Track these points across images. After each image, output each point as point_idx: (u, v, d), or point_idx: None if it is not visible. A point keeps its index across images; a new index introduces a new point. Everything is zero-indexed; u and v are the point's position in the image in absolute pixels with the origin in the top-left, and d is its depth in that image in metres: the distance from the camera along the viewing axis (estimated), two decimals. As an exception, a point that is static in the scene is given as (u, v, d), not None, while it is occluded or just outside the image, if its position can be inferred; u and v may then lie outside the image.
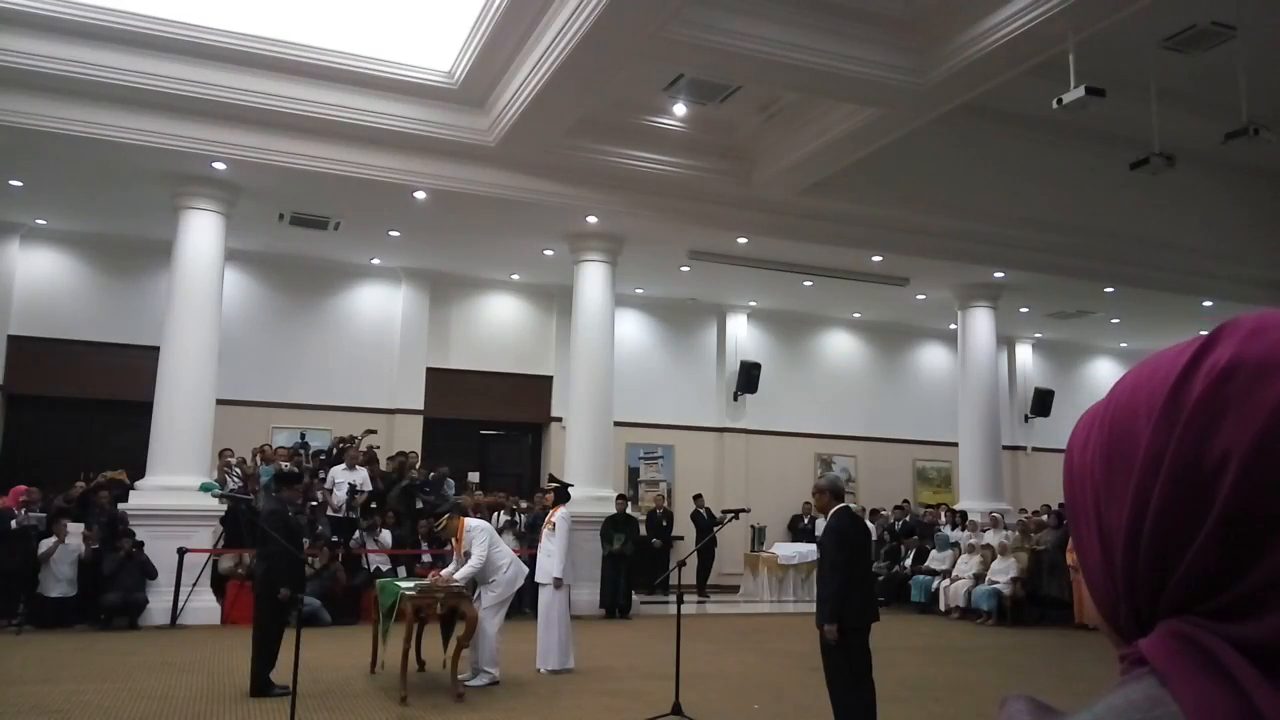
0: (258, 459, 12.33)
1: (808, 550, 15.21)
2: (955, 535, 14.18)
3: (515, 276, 15.54)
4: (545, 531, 8.63)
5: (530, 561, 8.70)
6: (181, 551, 10.33)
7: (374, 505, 12.19)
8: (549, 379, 15.95)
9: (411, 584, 7.62)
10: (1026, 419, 19.03)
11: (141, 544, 10.26)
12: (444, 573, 7.65)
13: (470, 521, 7.74)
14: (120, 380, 13.07)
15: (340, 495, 12.04)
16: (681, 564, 7.29)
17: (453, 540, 7.65)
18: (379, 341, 14.99)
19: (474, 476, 14.53)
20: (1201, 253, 13.89)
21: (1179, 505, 0.56)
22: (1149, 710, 0.53)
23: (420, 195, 11.28)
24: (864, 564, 5.78)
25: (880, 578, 14.51)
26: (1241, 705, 0.51)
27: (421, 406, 15.04)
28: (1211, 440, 0.55)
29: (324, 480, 12.30)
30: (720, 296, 16.51)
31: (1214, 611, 0.55)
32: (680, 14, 7.87)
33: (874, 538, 15.01)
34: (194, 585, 10.48)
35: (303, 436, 13.68)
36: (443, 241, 13.50)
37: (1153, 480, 0.57)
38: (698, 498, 15.44)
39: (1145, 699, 0.54)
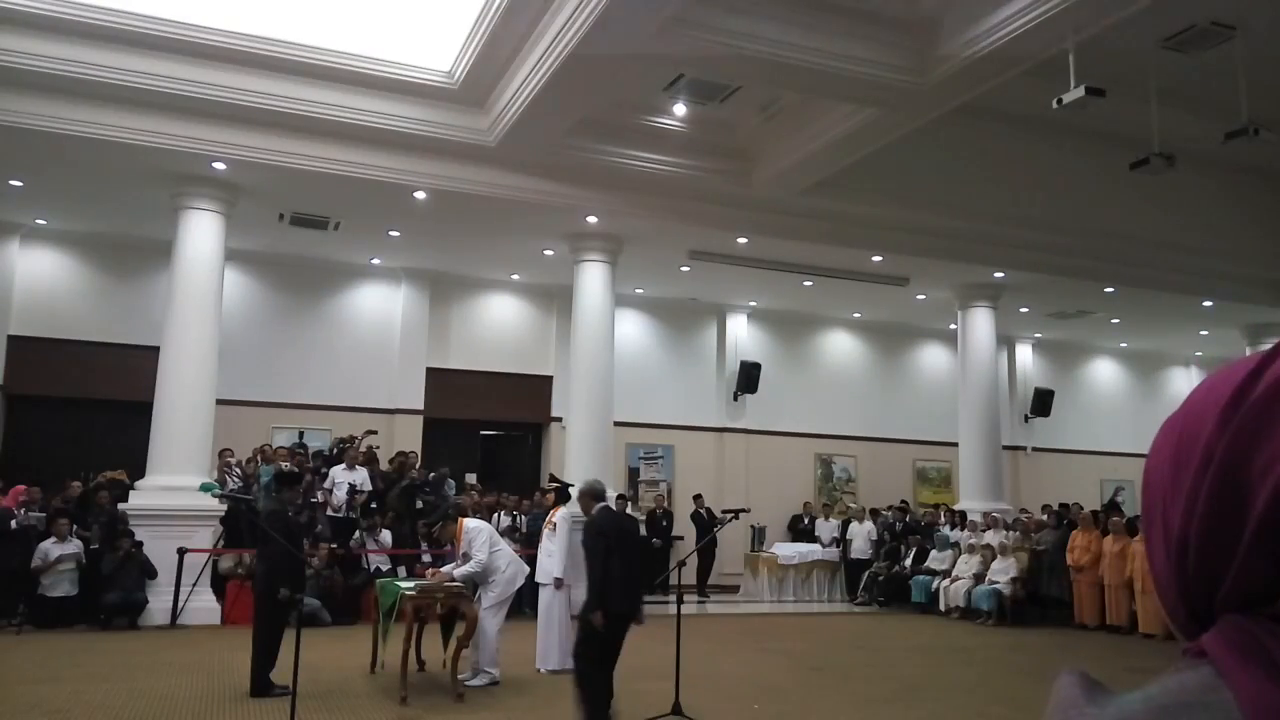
0: (258, 459, 12.33)
1: (808, 550, 15.25)
2: (955, 535, 14.18)
3: (515, 276, 15.54)
4: (546, 531, 8.63)
5: (531, 562, 8.70)
6: (181, 551, 10.33)
7: (374, 505, 12.19)
8: (549, 379, 15.94)
9: (411, 584, 7.62)
10: (1026, 419, 19.02)
11: (141, 544, 10.26)
12: (443, 570, 7.65)
13: (469, 523, 7.75)
14: (120, 380, 13.07)
15: (340, 495, 12.05)
16: (681, 564, 7.29)
17: (453, 541, 7.66)
18: (379, 341, 14.99)
19: (471, 477, 14.54)
20: (1201, 253, 13.89)
21: (1223, 507, 0.56)
22: (1202, 694, 0.53)
23: (420, 195, 11.28)
24: (623, 557, 6.02)
25: (880, 578, 14.53)
26: None
27: (421, 406, 15.03)
28: (1260, 447, 0.55)
29: (324, 479, 12.30)
30: (720, 296, 16.51)
31: (1277, 615, 0.55)
32: (680, 14, 7.87)
33: (876, 537, 15.11)
34: (194, 585, 10.48)
35: (302, 436, 13.69)
36: (443, 241, 13.50)
37: (1201, 482, 0.57)
38: (698, 498, 15.44)
39: (1199, 685, 0.54)
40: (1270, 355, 0.58)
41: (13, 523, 10.37)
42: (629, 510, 12.84)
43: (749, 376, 16.67)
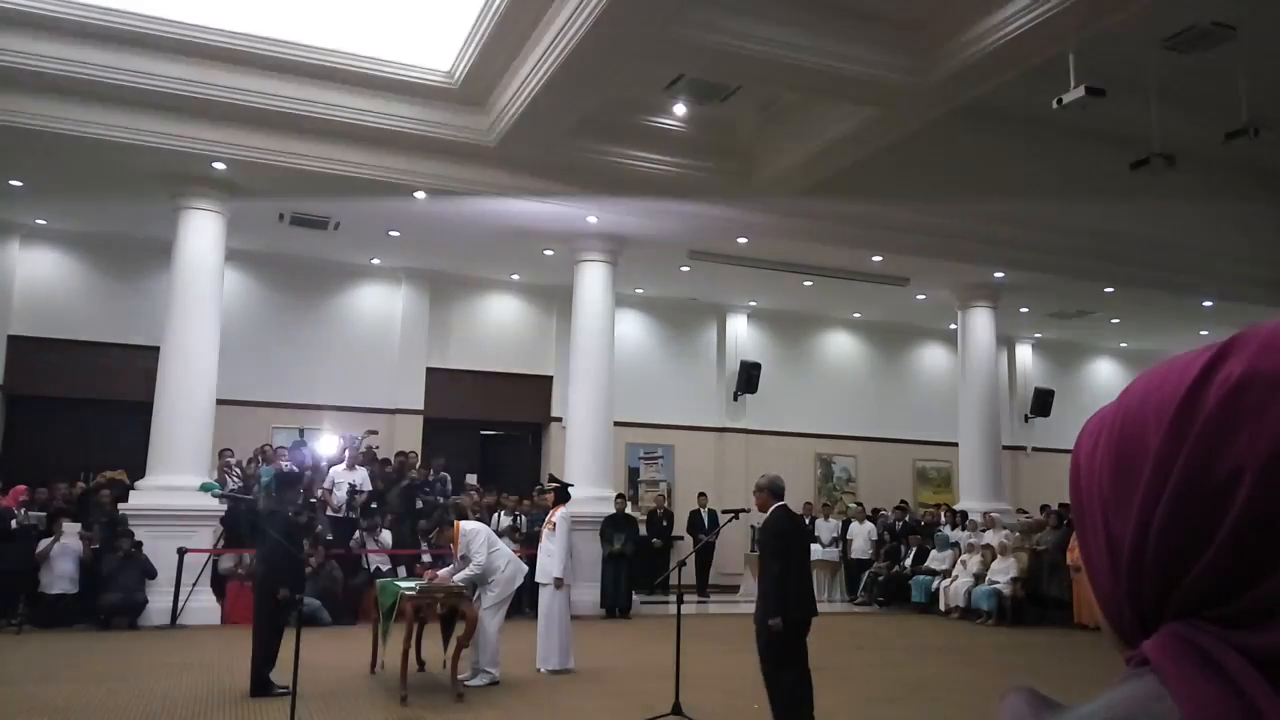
0: (258, 459, 12.34)
1: (808, 550, 15.24)
2: (955, 535, 14.18)
3: (515, 276, 15.54)
4: (545, 531, 8.62)
5: (530, 561, 8.70)
6: (181, 551, 10.32)
7: (374, 505, 12.20)
8: (549, 379, 15.94)
9: (411, 584, 7.62)
10: (1026, 419, 19.02)
11: (141, 544, 10.26)
12: (441, 573, 7.65)
13: (466, 525, 7.72)
14: (120, 380, 13.07)
15: (340, 495, 12.05)
16: (681, 564, 7.29)
17: (450, 545, 7.66)
18: (379, 341, 14.99)
19: (471, 478, 14.52)
20: (1201, 253, 13.88)
21: (1187, 517, 0.56)
22: (1148, 705, 0.53)
23: (420, 195, 11.27)
24: (797, 558, 5.98)
25: (880, 578, 14.52)
26: (1242, 708, 0.50)
27: (421, 406, 15.04)
28: (1223, 454, 0.55)
29: (325, 476, 12.31)
30: (720, 296, 16.51)
31: (1221, 619, 0.55)
32: (681, 14, 7.87)
33: (876, 537, 15.11)
34: (194, 585, 10.48)
35: (302, 434, 13.69)
36: (443, 241, 13.49)
37: (1159, 491, 0.57)
38: (701, 496, 15.41)
39: (1146, 695, 0.54)
40: (1216, 358, 0.58)
41: (13, 523, 10.37)
42: (629, 510, 12.87)
43: (749, 376, 16.67)
